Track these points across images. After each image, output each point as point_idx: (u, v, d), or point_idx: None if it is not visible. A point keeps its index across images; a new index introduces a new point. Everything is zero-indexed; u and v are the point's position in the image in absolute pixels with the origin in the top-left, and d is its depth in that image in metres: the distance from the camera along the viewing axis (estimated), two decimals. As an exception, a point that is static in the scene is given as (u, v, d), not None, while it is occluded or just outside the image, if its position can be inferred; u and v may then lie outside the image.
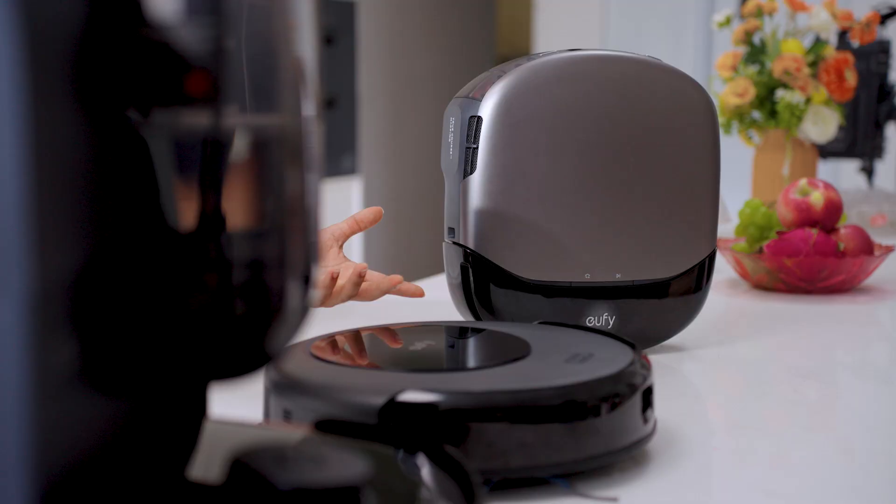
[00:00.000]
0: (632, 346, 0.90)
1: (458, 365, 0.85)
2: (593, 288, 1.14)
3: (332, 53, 3.78)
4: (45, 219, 0.36)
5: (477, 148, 1.10)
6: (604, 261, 1.14)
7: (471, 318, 1.14)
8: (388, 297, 1.47)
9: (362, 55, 4.04)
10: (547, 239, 1.12)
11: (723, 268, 1.72)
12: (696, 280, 1.19)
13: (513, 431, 0.76)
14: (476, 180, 1.10)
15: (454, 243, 1.13)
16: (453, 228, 1.13)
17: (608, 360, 0.84)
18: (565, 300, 1.14)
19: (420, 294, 1.22)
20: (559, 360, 0.85)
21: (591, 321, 1.15)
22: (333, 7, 3.80)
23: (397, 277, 1.20)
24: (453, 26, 5.13)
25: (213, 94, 0.47)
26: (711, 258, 1.20)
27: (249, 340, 0.50)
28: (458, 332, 0.96)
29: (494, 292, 1.12)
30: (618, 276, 1.15)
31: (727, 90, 2.13)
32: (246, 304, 0.49)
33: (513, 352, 0.87)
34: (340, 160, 3.81)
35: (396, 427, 0.73)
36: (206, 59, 0.46)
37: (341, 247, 1.18)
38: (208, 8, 0.46)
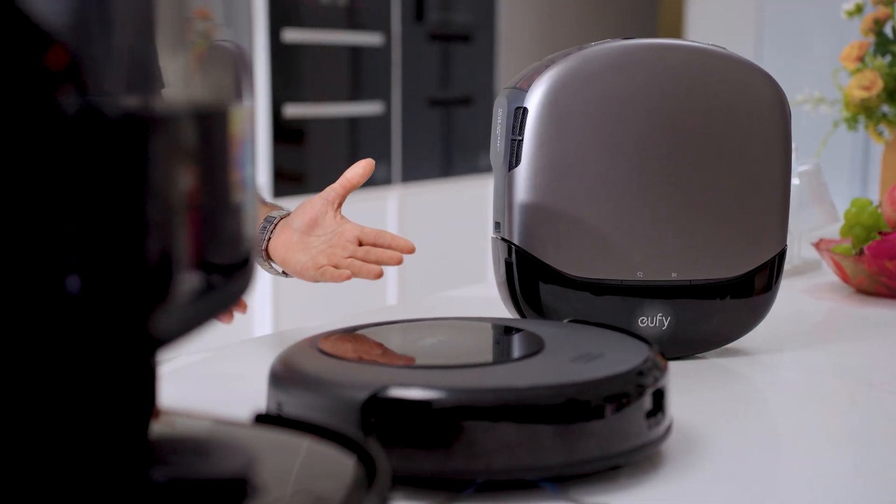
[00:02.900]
0: (661, 351, 0.85)
1: (459, 362, 0.82)
2: (646, 287, 1.09)
3: (470, 51, 3.77)
4: None
5: (522, 140, 1.07)
6: (658, 259, 1.09)
7: (517, 316, 1.11)
8: (449, 294, 1.45)
9: (502, 52, 4.02)
10: (596, 235, 1.08)
11: (827, 270, 1.63)
12: (763, 281, 1.12)
13: (496, 431, 0.73)
14: (521, 173, 1.07)
15: (500, 238, 1.10)
16: (499, 223, 1.11)
17: (616, 360, 0.80)
18: (616, 299, 1.09)
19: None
20: (565, 359, 0.81)
21: (644, 322, 1.10)
22: (471, 3, 3.79)
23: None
24: (608, 21, 5.05)
25: (72, 70, 0.46)
26: (781, 258, 1.14)
27: (130, 327, 0.49)
28: (476, 329, 0.93)
29: (540, 289, 1.08)
30: (674, 275, 1.10)
31: (852, 83, 2.01)
32: (123, 290, 0.48)
33: (522, 350, 0.84)
34: (478, 159, 3.80)
35: (340, 421, 0.72)
36: (65, 32, 0.45)
37: (338, 208, 1.17)
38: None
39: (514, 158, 1.08)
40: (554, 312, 1.08)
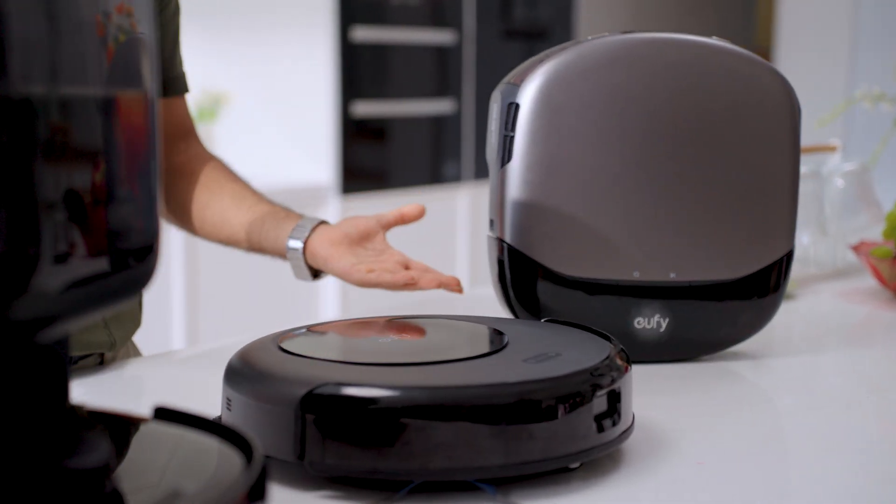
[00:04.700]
0: (623, 352, 0.83)
1: (407, 360, 0.81)
2: (643, 287, 1.07)
3: (545, 49, 3.72)
4: None
5: (514, 136, 1.05)
6: (656, 259, 1.06)
7: (510, 316, 1.09)
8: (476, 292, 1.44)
9: (580, 50, 3.97)
10: (590, 233, 1.05)
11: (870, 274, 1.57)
12: (768, 282, 1.09)
13: (430, 430, 0.72)
14: (513, 169, 1.05)
15: (494, 237, 1.09)
16: (493, 221, 1.09)
17: (569, 361, 0.78)
18: (611, 299, 1.07)
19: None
20: (518, 359, 0.79)
21: (641, 323, 1.07)
22: (549, 0, 3.76)
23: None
24: (695, 19, 4.96)
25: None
26: (788, 259, 1.10)
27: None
28: (445, 327, 0.91)
29: (532, 288, 1.06)
30: (672, 275, 1.07)
31: (914, 80, 1.94)
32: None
33: (480, 349, 0.83)
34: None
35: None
36: None
37: (384, 234, 1.18)
38: None
39: (506, 154, 1.06)
40: (547, 312, 1.06)
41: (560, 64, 1.05)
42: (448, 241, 3.41)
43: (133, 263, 0.58)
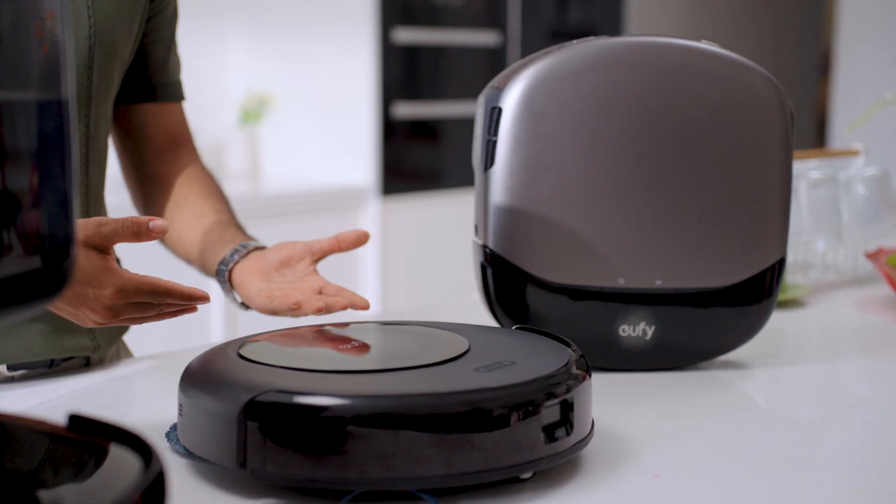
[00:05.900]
0: (583, 360, 0.82)
1: (358, 367, 0.80)
2: (628, 294, 1.05)
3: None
4: None
5: (496, 140, 1.04)
6: (641, 265, 1.04)
7: (494, 323, 1.08)
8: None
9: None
10: (574, 239, 1.04)
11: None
12: (758, 290, 1.06)
13: (371, 439, 0.71)
14: (496, 174, 1.04)
15: (477, 242, 1.08)
16: (478, 226, 1.08)
17: (521, 370, 0.77)
18: (596, 306, 1.05)
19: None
20: (470, 367, 0.78)
21: (626, 330, 1.06)
22: (597, 1, 3.72)
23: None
24: (748, 16, 4.88)
25: None
26: (780, 266, 1.07)
27: None
28: (413, 334, 0.90)
29: (514, 295, 1.05)
30: (658, 282, 1.05)
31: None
32: None
33: (436, 357, 0.81)
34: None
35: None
36: None
37: (315, 261, 1.12)
38: None
39: (489, 159, 1.05)
40: (531, 319, 1.05)
41: (543, 68, 1.03)
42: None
43: (45, 267, 0.58)
